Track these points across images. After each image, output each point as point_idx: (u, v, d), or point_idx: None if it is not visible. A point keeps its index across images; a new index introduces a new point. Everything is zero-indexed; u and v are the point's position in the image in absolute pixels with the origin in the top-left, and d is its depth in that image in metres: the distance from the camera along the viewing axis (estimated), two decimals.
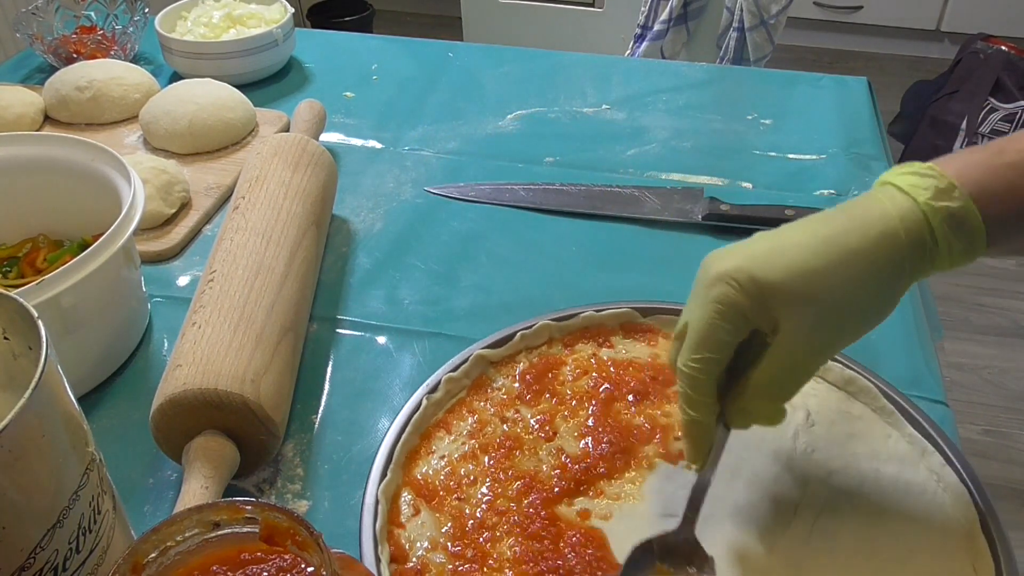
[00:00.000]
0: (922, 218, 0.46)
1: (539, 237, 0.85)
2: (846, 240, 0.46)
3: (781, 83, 1.12)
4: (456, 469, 0.59)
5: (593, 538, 0.54)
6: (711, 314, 0.48)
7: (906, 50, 3.13)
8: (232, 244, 0.68)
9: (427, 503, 0.56)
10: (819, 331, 0.47)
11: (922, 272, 0.47)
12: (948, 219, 0.45)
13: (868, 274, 0.46)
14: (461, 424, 0.62)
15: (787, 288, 0.46)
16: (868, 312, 0.48)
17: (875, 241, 0.46)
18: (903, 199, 0.47)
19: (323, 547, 0.36)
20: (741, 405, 0.50)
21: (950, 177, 0.46)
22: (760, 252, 0.47)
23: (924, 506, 0.56)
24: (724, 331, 0.48)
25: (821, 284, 0.46)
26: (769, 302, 0.46)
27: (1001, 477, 1.69)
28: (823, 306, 0.46)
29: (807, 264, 0.46)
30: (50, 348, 0.38)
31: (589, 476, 0.58)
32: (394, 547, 0.54)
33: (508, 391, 0.64)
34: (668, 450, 0.59)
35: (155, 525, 0.37)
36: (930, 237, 0.46)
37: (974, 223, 0.46)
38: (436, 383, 0.63)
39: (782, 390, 0.49)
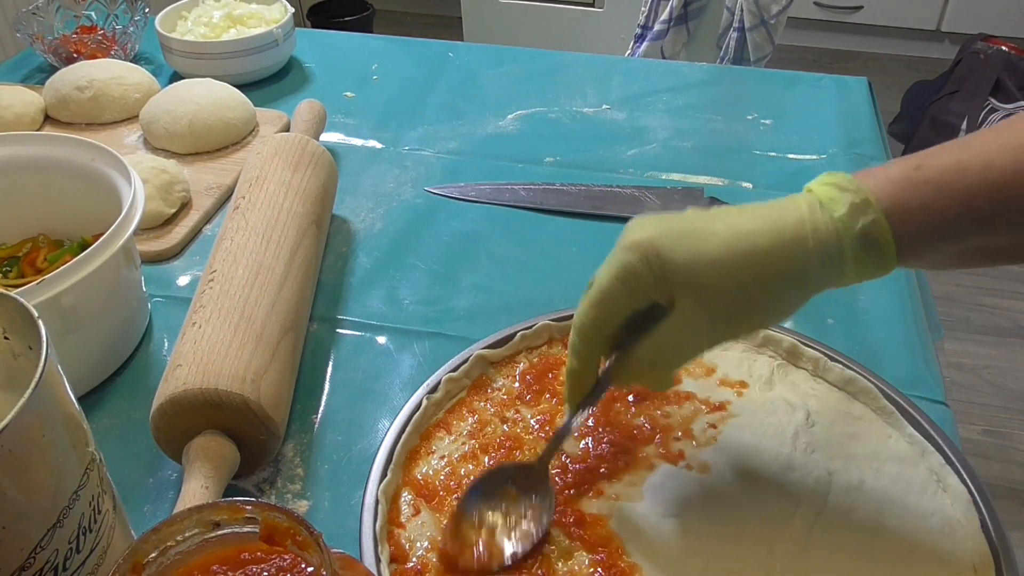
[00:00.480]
0: (834, 233, 0.46)
1: (539, 237, 0.85)
2: (756, 239, 0.47)
3: (781, 83, 1.12)
4: (456, 469, 0.59)
5: (600, 536, 0.54)
6: (612, 277, 0.49)
7: (906, 50, 3.13)
8: (232, 244, 0.68)
9: (427, 503, 0.56)
10: (710, 319, 0.48)
11: (829, 283, 0.48)
12: (860, 237, 0.46)
13: (769, 277, 0.47)
14: (461, 424, 0.62)
15: (688, 272, 0.47)
16: (761, 311, 0.49)
17: (783, 247, 0.47)
18: (820, 211, 0.47)
19: (323, 547, 0.36)
20: (624, 367, 0.52)
21: (867, 192, 0.46)
22: (675, 231, 0.48)
23: (924, 506, 0.56)
24: (621, 295, 0.49)
25: (721, 276, 0.47)
26: (669, 280, 0.48)
27: (1001, 477, 1.69)
28: (718, 296, 0.47)
29: (713, 254, 0.47)
30: (50, 348, 0.38)
31: (589, 476, 0.58)
32: (394, 547, 0.54)
33: (508, 391, 0.64)
34: (668, 450, 0.59)
35: (155, 525, 0.37)
36: (838, 253, 0.46)
37: (885, 242, 0.46)
38: (436, 383, 0.63)
39: (663, 364, 0.51)
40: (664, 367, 0.51)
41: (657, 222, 0.49)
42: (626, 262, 0.49)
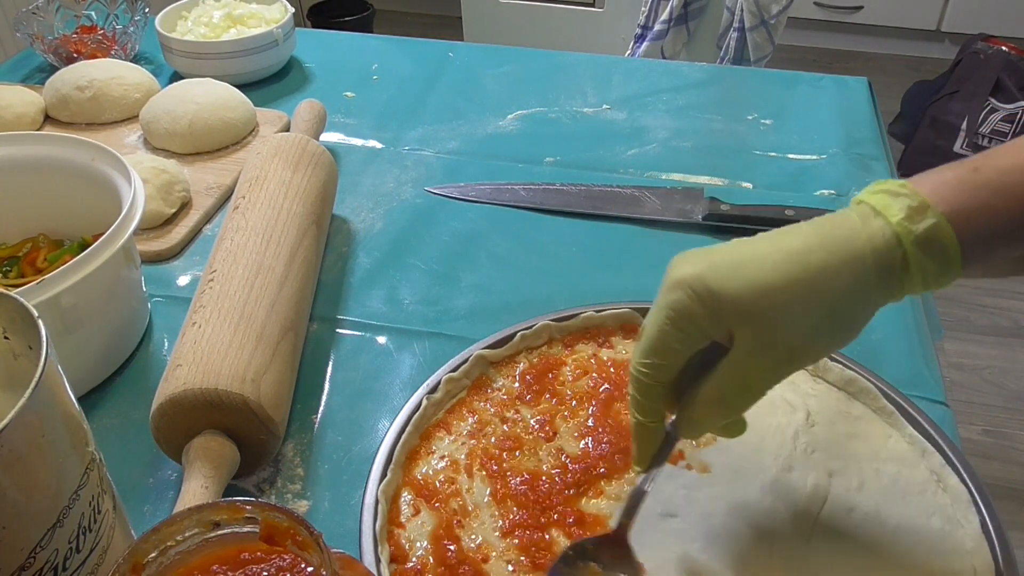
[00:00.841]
0: (893, 240, 0.44)
1: (539, 237, 0.85)
2: (809, 258, 0.44)
3: (781, 83, 1.12)
4: (458, 468, 0.59)
5: (595, 523, 0.55)
6: (663, 320, 0.46)
7: (906, 50, 3.13)
8: (232, 244, 0.68)
9: (427, 503, 0.56)
10: (773, 349, 0.45)
11: (891, 296, 0.46)
12: (921, 241, 0.44)
13: (828, 297, 0.44)
14: (461, 424, 0.62)
15: (743, 303, 0.44)
16: (826, 335, 0.46)
17: (839, 262, 0.44)
18: (875, 219, 0.45)
19: (323, 547, 0.36)
20: (689, 415, 0.49)
21: (924, 196, 0.44)
22: (722, 262, 0.46)
23: (924, 506, 0.56)
24: (675, 339, 0.46)
25: (778, 302, 0.44)
26: (724, 315, 0.45)
27: (1001, 477, 1.69)
28: (778, 324, 0.44)
29: (766, 279, 0.44)
30: (50, 348, 0.38)
31: (589, 476, 0.58)
32: (394, 547, 0.54)
33: (508, 391, 0.64)
34: None
35: (155, 525, 0.37)
36: (901, 260, 0.44)
37: (949, 244, 0.44)
38: (436, 383, 0.63)
39: (731, 405, 0.48)
40: (732, 409, 0.48)
41: (701, 255, 0.47)
42: (675, 302, 0.46)
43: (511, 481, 0.58)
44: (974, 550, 0.53)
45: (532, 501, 0.56)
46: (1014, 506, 1.63)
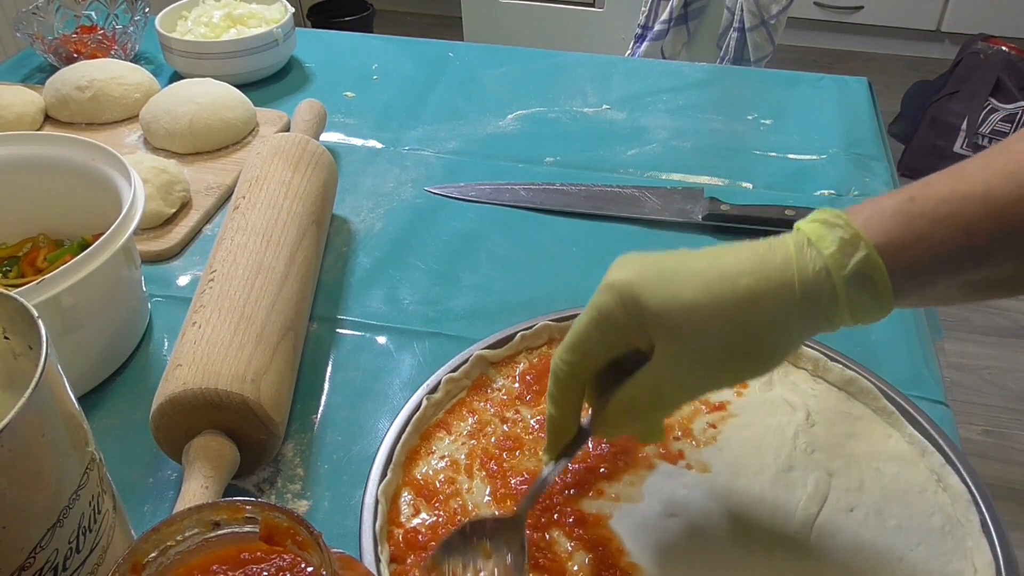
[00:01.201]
0: (823, 272, 0.43)
1: (539, 237, 0.85)
2: (737, 281, 0.44)
3: (781, 83, 1.12)
4: (458, 469, 0.59)
5: (600, 536, 0.54)
6: (588, 320, 0.47)
7: (906, 50, 3.13)
8: (232, 244, 0.68)
9: (427, 503, 0.56)
10: (690, 365, 0.45)
11: (819, 328, 0.45)
12: (851, 275, 0.43)
13: (751, 322, 0.44)
14: (461, 424, 0.62)
15: (665, 316, 0.44)
16: (744, 359, 0.45)
17: (766, 289, 0.44)
18: (808, 249, 0.44)
19: (323, 547, 0.36)
20: (603, 417, 0.49)
21: (856, 228, 0.43)
22: (655, 272, 0.46)
23: (924, 506, 0.56)
24: (596, 340, 0.47)
25: (700, 320, 0.44)
26: (646, 325, 0.45)
27: (1001, 477, 1.69)
28: (697, 342, 0.44)
29: (691, 296, 0.44)
30: (50, 348, 0.38)
31: (589, 476, 0.58)
32: (394, 547, 0.53)
33: (508, 391, 0.64)
34: (668, 450, 0.59)
35: (155, 525, 0.37)
36: (830, 293, 0.43)
37: (879, 279, 0.43)
38: (436, 383, 0.63)
39: (643, 414, 0.48)
40: (644, 417, 0.48)
41: (639, 261, 0.47)
42: (601, 304, 0.47)
43: (511, 481, 0.58)
44: (974, 549, 0.53)
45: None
46: (1014, 506, 1.63)
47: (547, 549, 0.54)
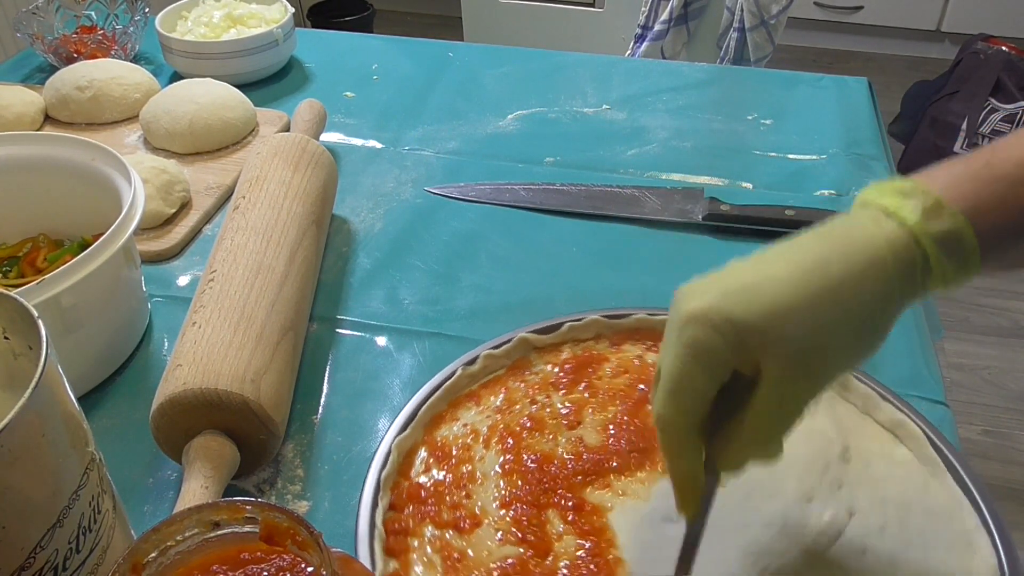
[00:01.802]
0: (911, 241, 0.42)
1: (539, 237, 0.85)
2: (827, 271, 0.42)
3: (781, 83, 1.12)
4: (476, 438, 0.60)
5: (593, 526, 0.55)
6: (684, 359, 0.43)
7: (906, 50, 3.13)
8: (232, 244, 0.68)
9: (439, 463, 0.58)
10: (805, 373, 0.43)
11: (914, 298, 0.44)
12: (940, 240, 0.42)
13: (855, 307, 0.42)
14: (492, 399, 0.63)
15: (767, 330, 0.42)
16: (857, 347, 0.44)
17: (861, 270, 0.42)
18: (888, 222, 0.43)
19: (323, 547, 0.36)
20: (732, 452, 0.46)
21: (936, 194, 0.43)
22: (736, 288, 0.43)
23: (947, 566, 0.52)
24: (699, 378, 0.43)
25: (804, 323, 0.42)
26: (748, 345, 0.42)
27: (1001, 477, 1.69)
28: (807, 346, 0.42)
29: (787, 301, 0.42)
30: (50, 348, 0.38)
31: (600, 468, 0.58)
32: (396, 497, 0.55)
33: (544, 376, 0.65)
34: None
35: (155, 525, 0.37)
36: (922, 260, 0.43)
37: (968, 242, 0.42)
38: (474, 357, 0.64)
39: (773, 436, 0.45)
40: (773, 441, 0.45)
41: (710, 284, 0.44)
42: (692, 338, 0.43)
43: (524, 457, 0.58)
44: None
45: (537, 480, 0.57)
46: (1014, 506, 1.63)
47: (538, 527, 0.54)
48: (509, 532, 0.54)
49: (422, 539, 0.54)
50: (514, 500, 0.56)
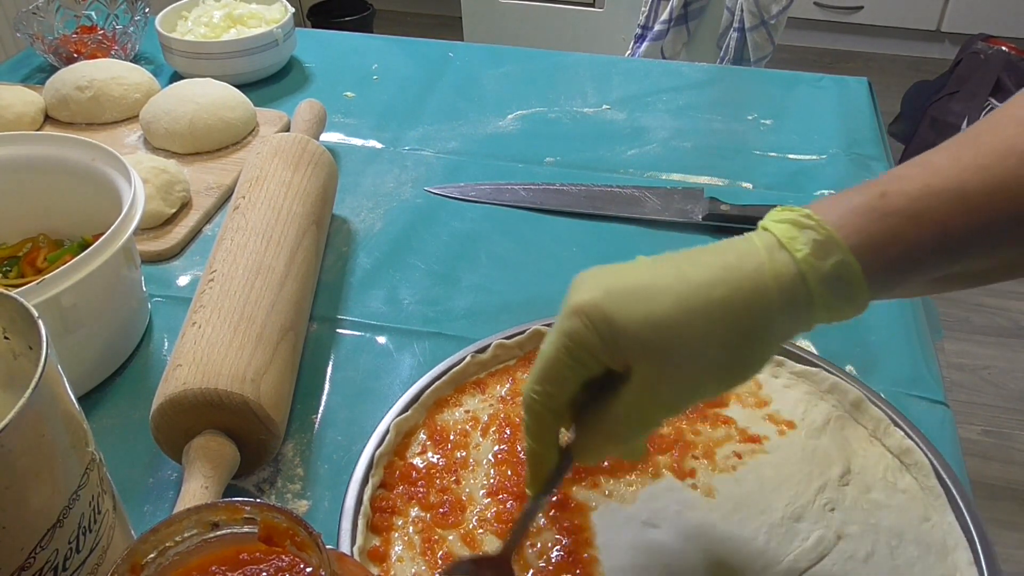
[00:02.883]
0: (798, 277, 0.42)
1: (539, 237, 0.85)
2: (712, 293, 0.43)
3: (781, 83, 1.12)
4: (476, 425, 0.61)
5: (574, 523, 0.55)
6: (558, 347, 0.45)
7: (906, 50, 3.13)
8: (232, 244, 0.68)
9: (435, 447, 0.59)
10: (670, 384, 0.44)
11: (796, 330, 0.44)
12: (827, 278, 0.42)
13: (730, 332, 0.43)
14: (498, 388, 0.64)
15: (641, 337, 0.43)
16: (726, 370, 0.44)
17: (744, 299, 0.42)
18: (780, 252, 0.43)
19: (322, 547, 0.36)
20: (585, 442, 0.47)
21: (830, 228, 0.42)
22: (623, 289, 0.44)
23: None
24: (568, 367, 0.45)
25: (678, 337, 0.42)
26: (620, 346, 0.43)
27: (1001, 477, 1.69)
28: (677, 360, 0.43)
29: (666, 313, 0.43)
30: (50, 348, 0.38)
31: (592, 467, 0.58)
32: (388, 476, 0.56)
33: None
34: (681, 466, 0.58)
35: (154, 526, 0.37)
36: (805, 296, 0.42)
37: (855, 279, 0.42)
38: (486, 345, 0.65)
39: (626, 436, 0.46)
40: (627, 439, 0.47)
41: (602, 278, 0.45)
42: (571, 329, 0.44)
43: (517, 448, 0.59)
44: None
45: (523, 475, 0.57)
46: (1014, 506, 1.63)
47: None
48: (488, 522, 0.55)
49: (407, 519, 0.55)
50: (500, 490, 0.57)
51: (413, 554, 0.53)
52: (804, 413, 0.62)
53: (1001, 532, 1.53)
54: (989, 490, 1.63)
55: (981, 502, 0.56)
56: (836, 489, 0.57)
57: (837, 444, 0.60)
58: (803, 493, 0.57)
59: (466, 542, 0.54)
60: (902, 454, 0.59)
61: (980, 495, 1.59)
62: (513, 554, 0.49)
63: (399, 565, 0.52)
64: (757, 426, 0.61)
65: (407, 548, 0.53)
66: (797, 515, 0.55)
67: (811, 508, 0.56)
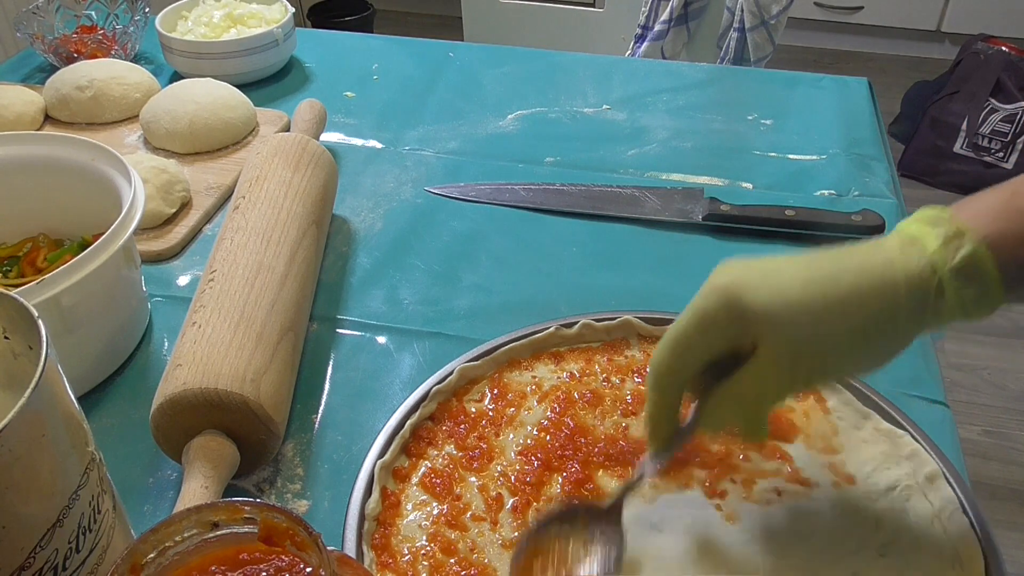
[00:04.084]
0: (928, 269, 0.44)
1: (539, 237, 0.85)
2: (839, 278, 0.45)
3: (781, 83, 1.12)
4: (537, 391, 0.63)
5: (593, 494, 0.57)
6: (690, 321, 0.48)
7: (906, 50, 3.13)
8: (232, 244, 0.68)
9: (494, 400, 0.63)
10: (791, 365, 0.46)
11: (927, 325, 0.45)
12: (959, 270, 0.43)
13: (855, 320, 0.44)
14: (572, 365, 0.66)
15: (767, 315, 0.45)
16: (847, 357, 0.46)
17: (870, 287, 0.44)
18: (912, 248, 0.45)
19: (322, 547, 0.36)
20: (706, 407, 0.50)
21: (962, 222, 0.44)
22: (755, 273, 0.47)
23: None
24: (696, 339, 0.47)
25: (802, 319, 0.45)
26: (748, 324, 0.46)
27: (1001, 478, 1.69)
28: (799, 341, 0.45)
29: (793, 295, 0.45)
30: (50, 347, 0.38)
31: (625, 458, 0.59)
32: (439, 411, 0.61)
33: (631, 362, 0.66)
34: (714, 485, 0.57)
35: (154, 526, 0.37)
36: (936, 288, 0.44)
37: (988, 271, 0.43)
38: (574, 321, 0.67)
39: (746, 407, 0.48)
40: (748, 410, 0.49)
41: (740, 265, 0.48)
42: (704, 306, 0.47)
43: (565, 421, 0.61)
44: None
45: (562, 444, 0.59)
46: (1014, 506, 1.62)
47: (537, 481, 0.57)
48: (508, 478, 0.57)
49: (440, 452, 0.59)
50: (531, 453, 0.59)
51: (431, 483, 0.57)
52: (871, 472, 0.58)
53: (1001, 532, 1.52)
54: (989, 490, 1.63)
55: (981, 502, 0.55)
56: (871, 559, 0.52)
57: (893, 514, 0.55)
58: (829, 550, 0.53)
59: (481, 491, 0.57)
60: (956, 541, 0.53)
61: (980, 495, 1.58)
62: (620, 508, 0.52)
63: (414, 490, 0.57)
64: (814, 471, 0.58)
65: (426, 476, 0.58)
66: (814, 570, 0.52)
67: (834, 568, 0.52)
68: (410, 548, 0.53)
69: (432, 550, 0.53)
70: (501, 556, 0.53)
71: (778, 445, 0.60)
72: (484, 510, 0.56)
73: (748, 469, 0.58)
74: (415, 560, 0.53)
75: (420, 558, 0.53)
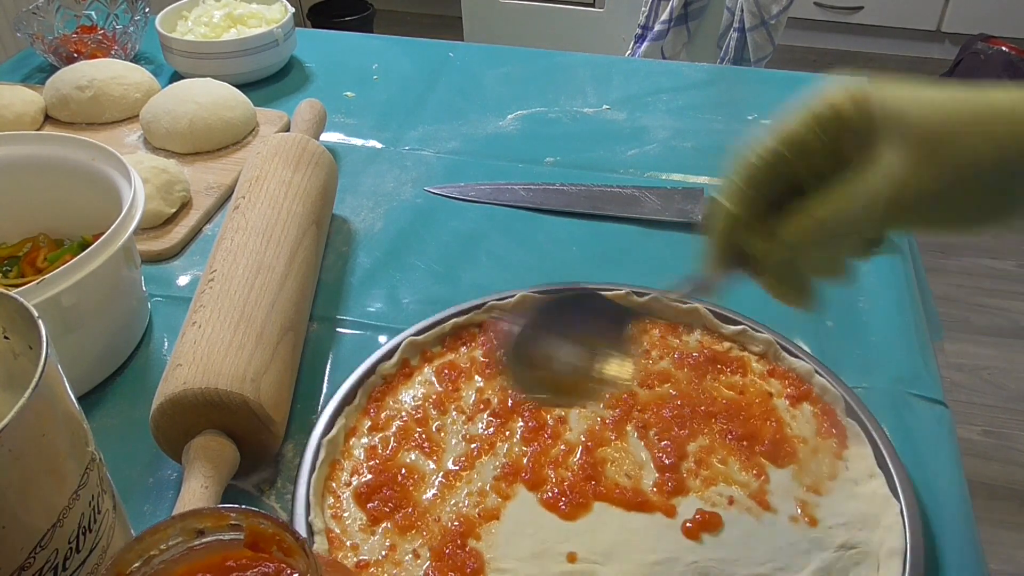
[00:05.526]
0: None
1: (539, 237, 0.85)
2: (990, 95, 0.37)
3: (781, 83, 1.12)
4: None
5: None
6: (808, 111, 0.41)
7: (906, 51, 3.13)
8: (232, 243, 0.68)
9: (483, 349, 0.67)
10: (916, 181, 0.38)
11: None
12: None
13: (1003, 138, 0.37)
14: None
15: (905, 114, 0.38)
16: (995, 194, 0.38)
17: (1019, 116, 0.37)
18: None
19: (308, 552, 0.35)
20: (781, 228, 0.41)
21: None
22: (889, 80, 0.41)
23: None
24: (812, 133, 0.40)
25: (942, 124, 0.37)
26: (877, 123, 0.39)
27: (1001, 477, 1.69)
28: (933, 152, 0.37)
29: (937, 101, 0.38)
30: (50, 347, 0.38)
31: (626, 418, 0.62)
32: (422, 362, 0.67)
33: (687, 348, 0.68)
34: (675, 466, 0.58)
35: (138, 534, 0.37)
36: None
37: None
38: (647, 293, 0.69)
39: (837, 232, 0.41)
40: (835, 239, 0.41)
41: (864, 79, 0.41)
42: (828, 96, 0.40)
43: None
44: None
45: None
46: (1014, 506, 1.62)
47: (558, 421, 0.61)
48: (507, 390, 0.63)
49: (469, 353, 0.67)
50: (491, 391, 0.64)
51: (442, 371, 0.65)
52: (837, 525, 0.54)
53: (1001, 532, 1.53)
54: (989, 490, 1.63)
55: (981, 502, 0.55)
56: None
57: (832, 570, 0.52)
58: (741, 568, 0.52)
59: (478, 392, 0.64)
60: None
61: (980, 495, 1.58)
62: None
63: (427, 370, 0.66)
64: (781, 500, 0.56)
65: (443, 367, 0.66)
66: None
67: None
68: (396, 410, 0.63)
69: (407, 419, 0.62)
70: (459, 445, 0.61)
71: (765, 463, 0.58)
72: (470, 405, 0.63)
73: (719, 472, 0.57)
74: (390, 420, 0.62)
75: (396, 419, 0.62)
